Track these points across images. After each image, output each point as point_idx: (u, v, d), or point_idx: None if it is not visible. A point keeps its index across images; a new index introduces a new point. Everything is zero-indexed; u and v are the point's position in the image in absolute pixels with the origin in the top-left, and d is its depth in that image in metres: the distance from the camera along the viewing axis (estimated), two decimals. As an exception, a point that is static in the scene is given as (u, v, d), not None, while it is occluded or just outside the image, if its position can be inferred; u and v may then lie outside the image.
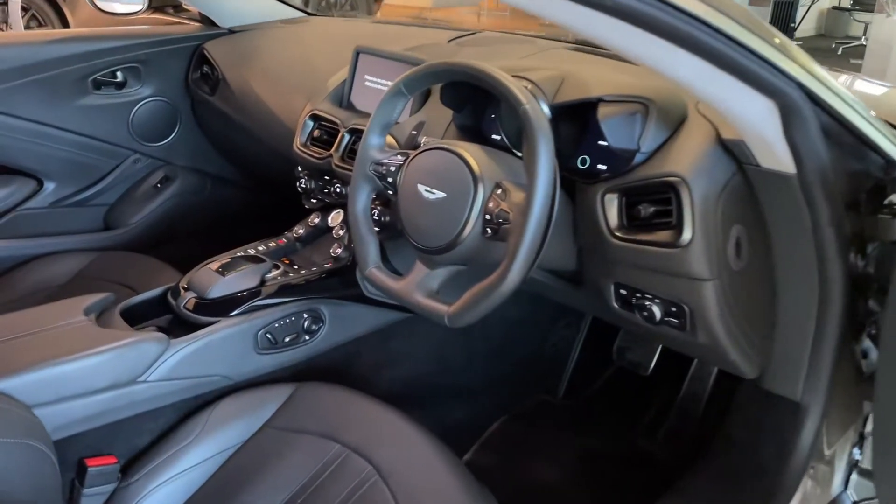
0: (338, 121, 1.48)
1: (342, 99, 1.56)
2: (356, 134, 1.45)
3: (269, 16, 2.03)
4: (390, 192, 1.17)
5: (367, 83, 1.51)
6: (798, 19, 8.37)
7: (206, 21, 2.02)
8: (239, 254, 1.45)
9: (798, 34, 8.52)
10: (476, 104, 1.31)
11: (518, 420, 1.67)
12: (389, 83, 1.47)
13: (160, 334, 1.20)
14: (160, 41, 1.90)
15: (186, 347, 1.23)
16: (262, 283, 1.35)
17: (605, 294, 1.16)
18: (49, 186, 1.89)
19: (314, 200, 1.58)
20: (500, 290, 0.97)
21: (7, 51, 1.70)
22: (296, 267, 1.45)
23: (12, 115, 1.74)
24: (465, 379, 1.65)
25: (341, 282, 1.43)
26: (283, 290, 1.36)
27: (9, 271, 1.75)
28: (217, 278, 1.32)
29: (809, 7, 8.44)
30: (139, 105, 1.93)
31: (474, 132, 1.31)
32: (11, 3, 4.70)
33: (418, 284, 1.10)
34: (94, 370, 1.12)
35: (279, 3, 2.04)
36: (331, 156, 1.46)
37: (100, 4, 2.05)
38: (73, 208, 1.94)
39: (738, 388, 1.26)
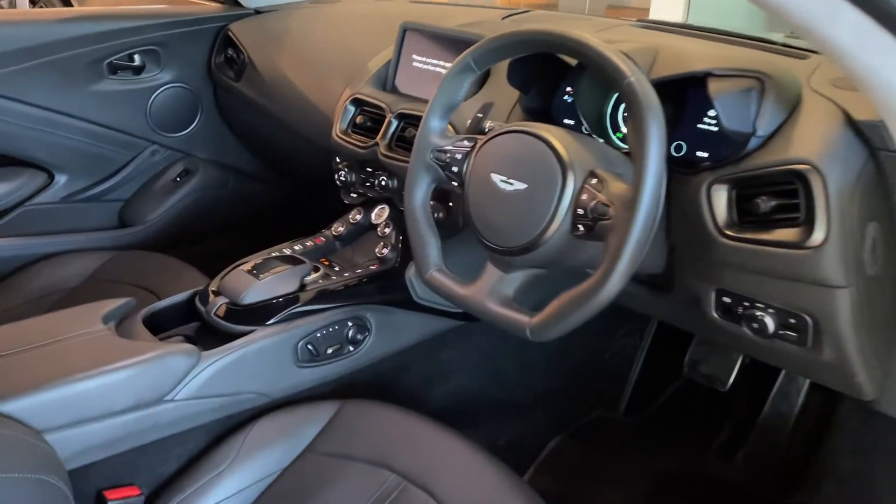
0: (384, 105, 1.32)
1: (386, 82, 1.40)
2: (405, 120, 1.29)
3: (300, -5, 1.89)
4: (455, 184, 1.01)
5: (415, 64, 1.35)
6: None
7: (230, 1, 1.87)
8: (273, 254, 1.30)
9: None
10: (546, 84, 1.16)
11: (576, 439, 1.51)
12: (443, 63, 1.32)
13: (189, 346, 1.05)
14: (181, 22, 1.75)
15: (219, 361, 1.07)
16: (302, 287, 1.20)
17: (703, 302, 1.00)
18: (60, 179, 1.74)
19: (354, 195, 1.42)
20: (598, 298, 0.82)
21: (14, 30, 1.55)
22: (337, 269, 1.30)
23: (20, 101, 1.59)
24: (519, 393, 1.49)
25: (388, 286, 1.27)
26: (325, 295, 1.20)
27: (16, 271, 1.61)
28: (251, 281, 1.16)
29: None
30: (158, 92, 1.78)
31: (543, 116, 1.16)
32: (19, -7, 4.56)
33: (491, 290, 0.95)
34: (114, 389, 0.97)
35: (310, -19, 1.89)
36: (376, 144, 1.30)
37: (114, -14, 1.91)
38: (86, 203, 1.79)
39: (840, 409, 1.10)
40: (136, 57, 1.73)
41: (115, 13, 1.70)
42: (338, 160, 1.43)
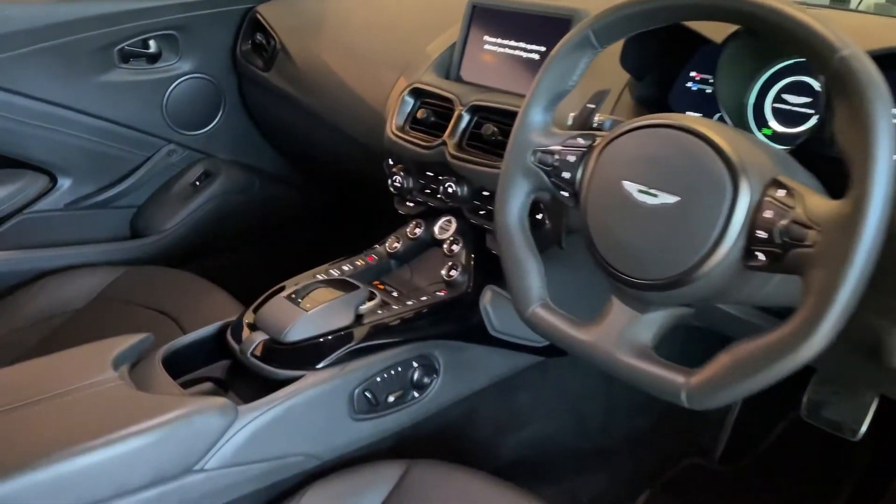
0: (452, 97, 1.09)
1: (449, 69, 1.17)
2: (479, 113, 1.07)
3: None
4: (565, 194, 0.79)
5: (486, 48, 1.13)
6: None
7: (258, -21, 1.65)
8: (319, 276, 1.08)
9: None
10: (666, 68, 0.93)
11: (668, 491, 1.28)
12: (525, 46, 1.09)
13: (223, 401, 0.83)
14: (203, 3, 1.52)
15: (260, 418, 0.85)
16: (357, 319, 0.98)
17: (886, 347, 0.77)
18: (64, 184, 1.52)
19: (411, 204, 1.20)
20: (797, 354, 0.60)
21: (8, 9, 1.33)
22: (395, 294, 1.08)
23: (16, 93, 1.37)
24: (602, 440, 1.26)
25: (459, 316, 1.05)
26: (384, 329, 0.98)
27: (13, 290, 1.39)
28: (296, 313, 0.94)
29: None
30: (176, 83, 1.56)
31: (659, 107, 0.93)
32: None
33: (621, 336, 0.73)
34: (130, 461, 0.75)
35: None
36: (443, 144, 1.07)
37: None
38: (93, 211, 1.57)
39: None
40: (152, 43, 1.51)
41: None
42: (391, 162, 1.21)
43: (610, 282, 0.74)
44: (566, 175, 0.78)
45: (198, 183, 1.67)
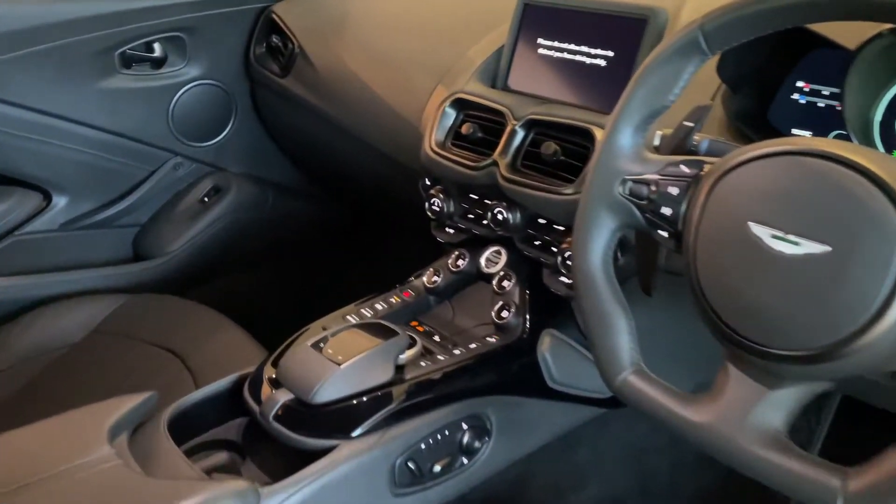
0: (504, 109, 0.94)
1: (495, 77, 1.02)
2: (537, 129, 0.92)
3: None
4: (663, 234, 0.64)
5: (541, 52, 0.98)
6: None
7: (273, -26, 1.50)
8: (349, 317, 0.93)
9: None
10: (768, 75, 0.78)
11: (740, 554, 1.12)
12: (589, 51, 0.94)
13: (242, 485, 0.68)
14: (213, 1, 1.37)
15: (287, 501, 0.70)
16: (397, 370, 0.83)
17: None
18: (59, 201, 1.38)
19: (451, 230, 1.05)
20: None
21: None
22: (437, 339, 0.93)
23: (7, 102, 1.23)
24: (669, 498, 1.11)
25: (514, 366, 0.90)
26: (429, 385, 0.83)
27: (4, 322, 1.24)
28: (327, 368, 0.79)
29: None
30: (183, 90, 1.41)
31: (759, 124, 0.78)
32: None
33: (746, 419, 0.59)
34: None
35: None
36: (494, 164, 0.92)
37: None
38: (91, 231, 1.42)
39: None
40: (157, 46, 1.37)
41: (129, -10, 1.33)
42: (427, 182, 1.06)
43: (727, 347, 0.60)
44: (666, 211, 0.63)
45: (206, 199, 1.52)
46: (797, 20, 0.57)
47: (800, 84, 0.78)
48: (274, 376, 0.83)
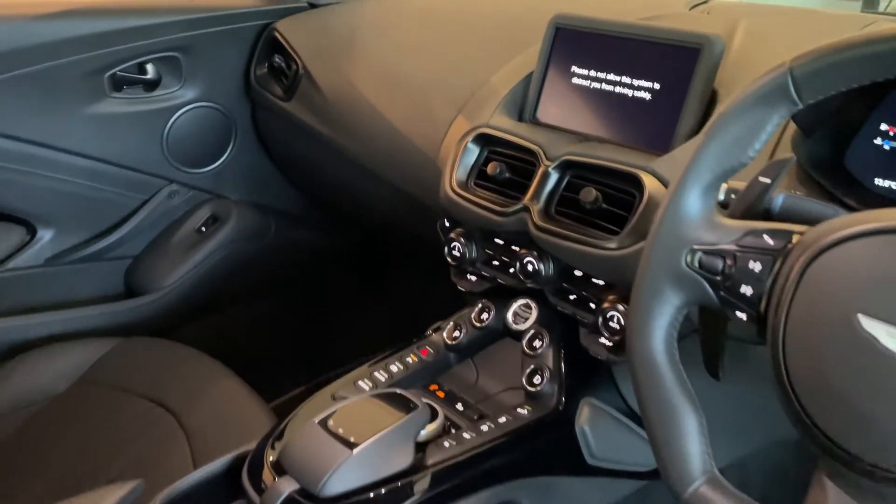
0: (535, 148, 0.84)
1: (523, 109, 0.92)
2: (573, 171, 0.81)
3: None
4: (741, 316, 0.54)
5: (575, 81, 0.87)
6: None
7: (276, -11, 1.40)
8: (362, 383, 0.82)
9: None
10: (846, 117, 0.68)
11: None
12: (632, 82, 0.83)
13: None
14: (210, 19, 1.27)
15: None
16: (418, 448, 0.72)
17: None
18: (44, 235, 1.27)
19: (473, 277, 0.94)
20: None
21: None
22: (460, 408, 0.82)
23: (-13, 131, 1.13)
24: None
25: (548, 442, 0.80)
26: (455, 470, 0.73)
27: (-17, 369, 1.14)
28: (338, 453, 0.69)
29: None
30: (178, 114, 1.31)
31: (835, 172, 0.68)
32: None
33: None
34: None
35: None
36: (525, 210, 0.82)
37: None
38: (80, 265, 1.32)
39: None
40: (149, 67, 1.26)
41: (121, 7, 1.23)
42: (447, 224, 0.95)
43: (825, 461, 0.49)
44: (746, 290, 0.53)
45: (204, 229, 1.41)
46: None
47: (884, 127, 0.68)
48: (275, 458, 0.72)
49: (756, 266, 0.53)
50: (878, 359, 0.45)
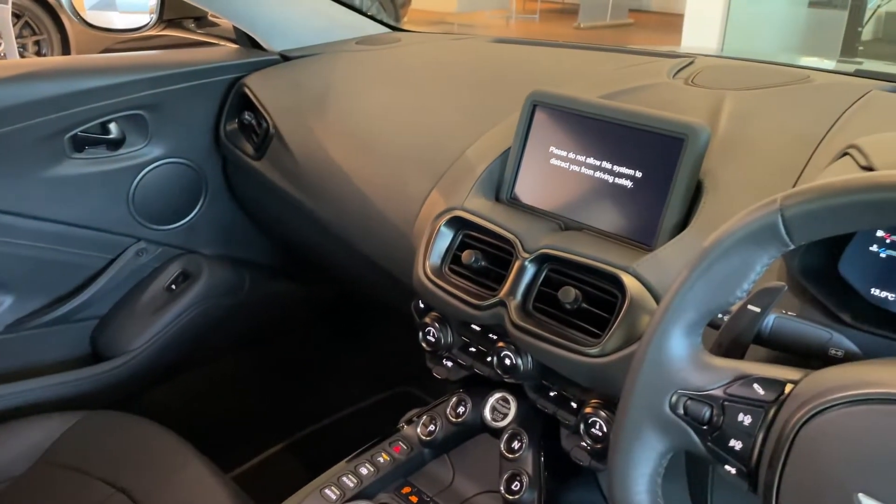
0: (511, 237, 0.79)
1: (500, 187, 0.87)
2: (551, 265, 0.77)
3: (341, 32, 1.36)
4: (730, 470, 0.50)
5: (554, 162, 0.83)
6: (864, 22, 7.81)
7: (245, 42, 1.34)
8: (329, 492, 0.78)
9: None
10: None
11: None
12: (613, 168, 0.79)
13: None
14: (177, 76, 1.22)
15: None
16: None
17: None
18: (4, 301, 1.22)
19: (449, 364, 0.90)
20: None
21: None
22: (435, 514, 0.78)
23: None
24: None
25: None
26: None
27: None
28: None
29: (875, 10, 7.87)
30: (145, 171, 1.26)
31: (829, 280, 0.64)
32: (1, 8, 4.04)
33: None
34: None
35: (354, 12, 1.36)
36: (501, 304, 0.77)
37: (89, 18, 1.39)
38: (43, 330, 1.27)
39: None
40: (113, 127, 1.21)
41: (81, 65, 1.17)
42: (421, 306, 0.91)
43: None
44: (735, 445, 0.49)
45: (174, 286, 1.36)
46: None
47: (879, 234, 0.64)
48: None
49: (746, 419, 0.49)
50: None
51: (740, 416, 0.49)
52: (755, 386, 0.49)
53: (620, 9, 10.01)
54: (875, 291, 0.64)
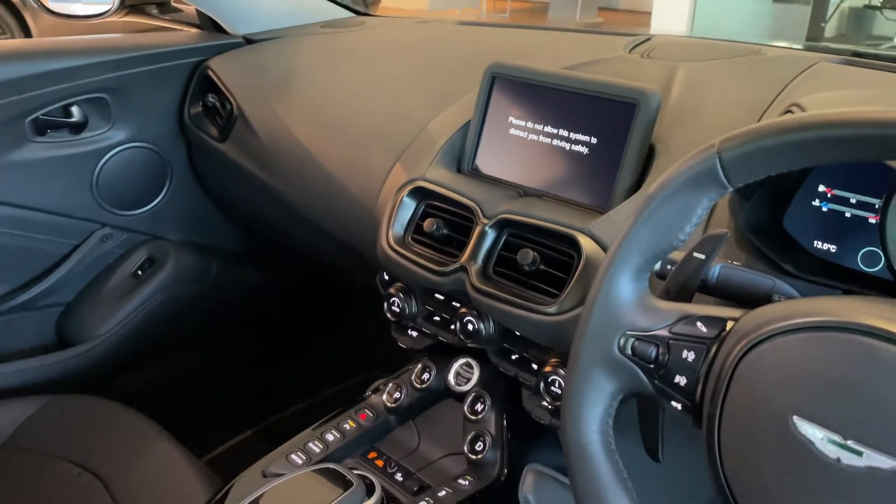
0: (472, 204, 0.81)
1: (461, 159, 0.89)
2: (511, 230, 0.78)
3: (306, 16, 1.36)
4: (676, 406, 0.52)
5: (513, 133, 0.84)
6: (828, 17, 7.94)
7: (209, 26, 1.34)
8: (295, 457, 0.78)
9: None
10: (784, 178, 0.66)
11: None
12: (569, 135, 0.81)
13: None
14: (139, 58, 1.22)
15: None
16: (354, 535, 0.69)
17: None
18: (-33, 288, 1.21)
19: (414, 333, 0.91)
20: None
21: None
22: (399, 478, 0.79)
23: None
24: None
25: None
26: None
27: None
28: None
29: (838, 5, 8.01)
30: (108, 156, 1.25)
31: (774, 234, 0.66)
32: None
33: None
34: None
35: (319, -4, 1.37)
36: (462, 269, 0.79)
37: (51, 5, 1.37)
38: (8, 316, 1.25)
39: None
40: (75, 110, 1.20)
41: (41, 48, 1.17)
42: (386, 278, 0.92)
43: None
44: (680, 380, 0.51)
45: (140, 272, 1.36)
46: (852, 155, 0.45)
47: (821, 188, 0.66)
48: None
49: (689, 355, 0.51)
50: (814, 464, 0.43)
51: (684, 353, 0.51)
52: (698, 324, 0.51)
53: (590, 7, 10.09)
54: (818, 244, 0.66)
